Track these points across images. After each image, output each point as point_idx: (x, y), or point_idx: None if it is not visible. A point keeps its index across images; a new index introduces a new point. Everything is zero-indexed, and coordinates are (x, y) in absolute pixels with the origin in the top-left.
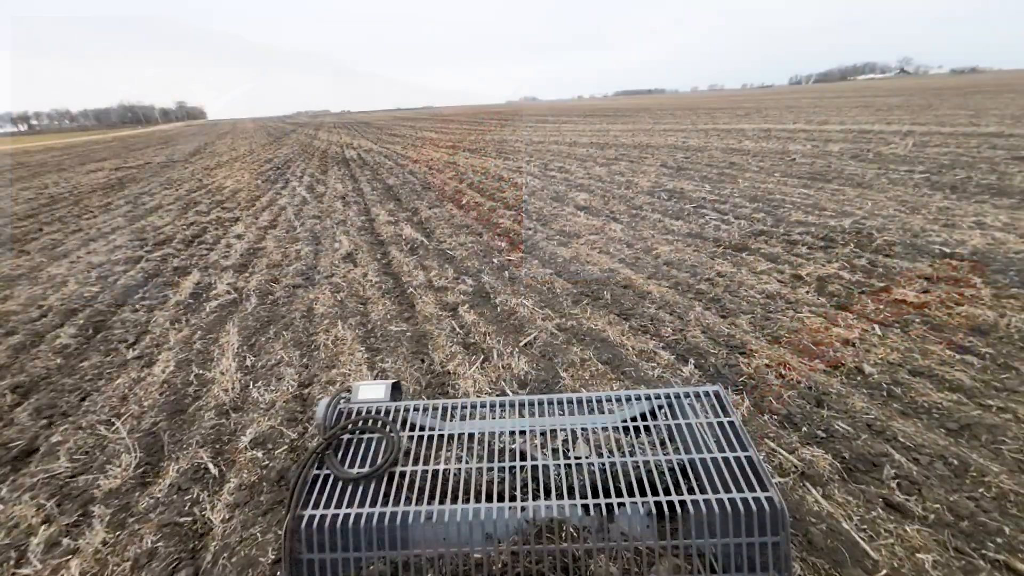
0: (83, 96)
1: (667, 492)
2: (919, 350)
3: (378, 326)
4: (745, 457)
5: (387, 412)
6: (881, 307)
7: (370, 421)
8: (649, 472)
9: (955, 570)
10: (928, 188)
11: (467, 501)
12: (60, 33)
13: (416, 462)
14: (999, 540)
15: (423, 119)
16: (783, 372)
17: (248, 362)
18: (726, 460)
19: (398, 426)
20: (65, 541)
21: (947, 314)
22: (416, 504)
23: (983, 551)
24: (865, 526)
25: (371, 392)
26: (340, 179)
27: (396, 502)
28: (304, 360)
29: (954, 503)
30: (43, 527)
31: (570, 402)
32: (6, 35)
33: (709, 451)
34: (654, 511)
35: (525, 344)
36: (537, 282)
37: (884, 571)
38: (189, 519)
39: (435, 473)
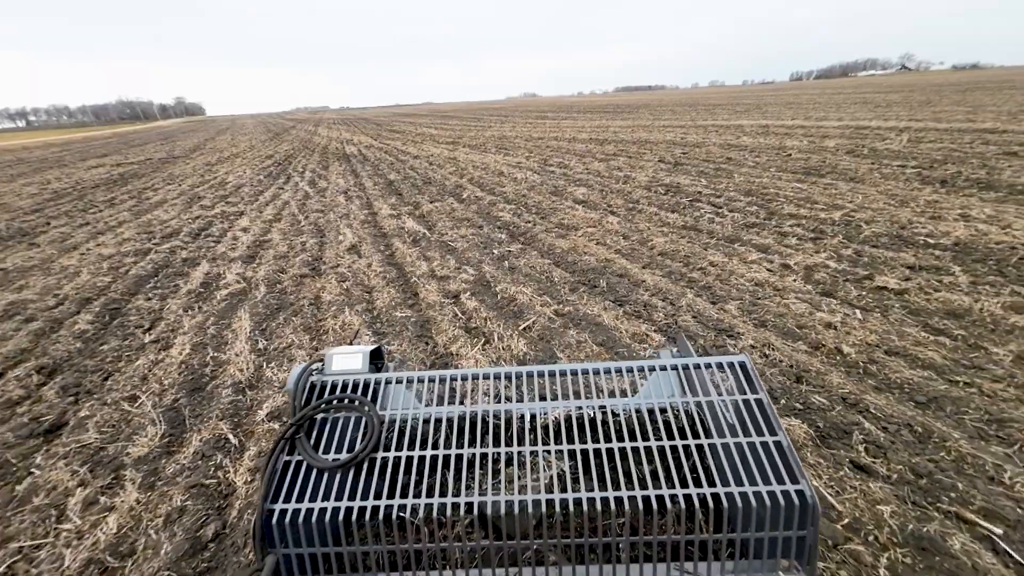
0: (81, 92)
1: (684, 484)
2: (896, 332)
3: (383, 312)
4: (774, 442)
5: (366, 386)
6: (863, 293)
7: (346, 399)
8: (664, 461)
9: (910, 519)
10: (919, 182)
11: (457, 493)
12: (58, 29)
13: (400, 447)
14: (952, 495)
15: (423, 115)
16: (767, 352)
17: (260, 345)
18: (752, 446)
19: (379, 403)
20: (102, 499)
21: (925, 300)
22: (400, 498)
23: (937, 504)
24: (833, 483)
25: (347, 362)
26: (342, 174)
27: (378, 495)
28: (314, 343)
29: (915, 464)
30: (79, 489)
31: (575, 373)
32: (6, 31)
33: (734, 435)
34: (670, 505)
35: (524, 328)
36: (536, 271)
37: (846, 520)
38: (214, 481)
39: (421, 459)
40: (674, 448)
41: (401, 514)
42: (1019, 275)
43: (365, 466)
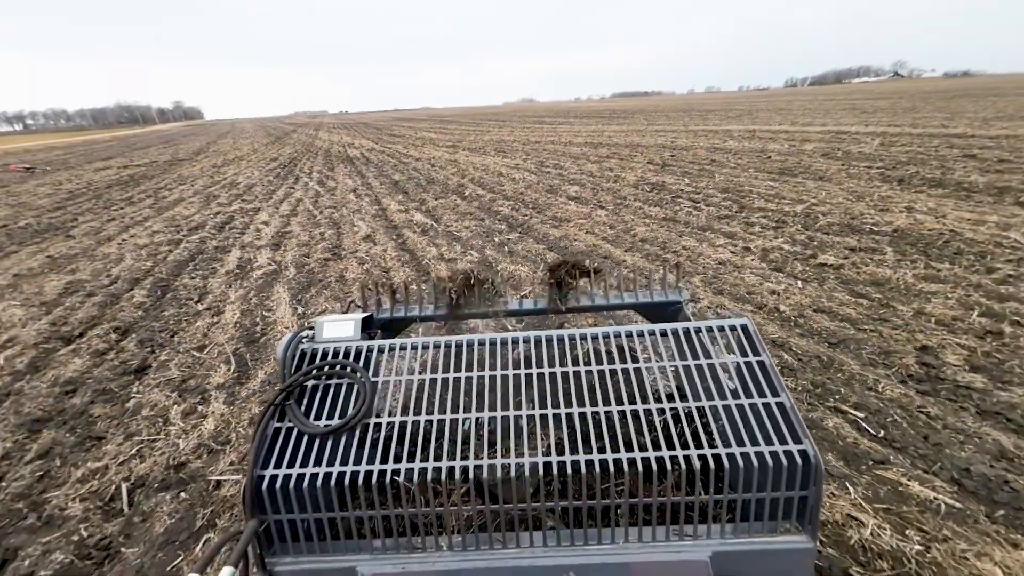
0: (79, 95)
1: (684, 446)
2: (826, 296)
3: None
4: (776, 403)
5: (358, 353)
6: (807, 268)
7: (338, 365)
8: (665, 423)
9: (801, 410)
10: (879, 181)
11: (453, 458)
12: (56, 29)
13: (393, 413)
14: (837, 397)
15: (422, 120)
16: (719, 311)
17: (299, 310)
18: (754, 407)
19: (371, 370)
20: (199, 409)
21: (856, 272)
22: (394, 463)
23: (824, 402)
24: None
25: (338, 329)
26: (348, 175)
27: (371, 460)
28: (345, 309)
29: (816, 380)
30: (175, 406)
31: (572, 338)
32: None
33: (735, 397)
34: (669, 468)
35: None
36: (532, 254)
37: None
38: None
39: (415, 425)
40: (674, 411)
41: (395, 479)
42: (939, 254)
43: (358, 432)
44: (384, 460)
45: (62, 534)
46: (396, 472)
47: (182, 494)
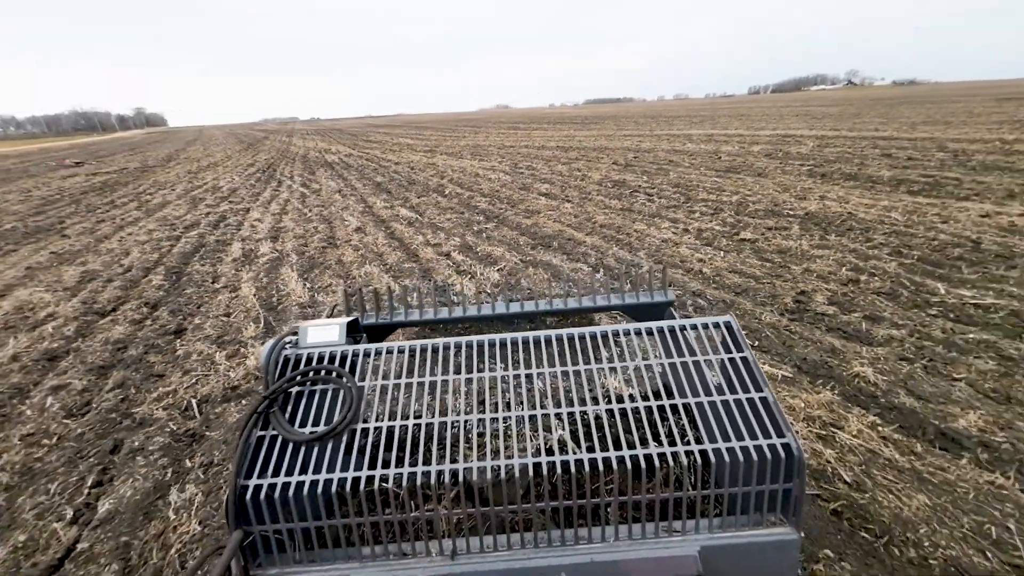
0: (29, 102)
1: (671, 443)
2: (740, 261)
3: (394, 266)
4: (760, 398)
5: (343, 358)
6: (730, 243)
7: (323, 371)
8: (652, 421)
9: None
10: (806, 176)
11: (442, 460)
12: (2, 32)
13: (380, 418)
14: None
15: (397, 126)
16: (657, 275)
17: (307, 286)
18: (738, 402)
19: (357, 374)
20: (240, 351)
21: (767, 244)
22: (383, 468)
23: None
24: None
25: (323, 334)
26: (330, 178)
27: (359, 467)
28: (348, 283)
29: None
30: (217, 353)
31: (559, 339)
32: None
33: (720, 393)
34: (657, 464)
35: (499, 269)
36: (507, 239)
37: None
38: None
39: (403, 429)
40: (661, 408)
41: (384, 484)
42: (835, 229)
43: (344, 438)
44: (372, 466)
45: (156, 428)
46: (384, 478)
47: (242, 401)
